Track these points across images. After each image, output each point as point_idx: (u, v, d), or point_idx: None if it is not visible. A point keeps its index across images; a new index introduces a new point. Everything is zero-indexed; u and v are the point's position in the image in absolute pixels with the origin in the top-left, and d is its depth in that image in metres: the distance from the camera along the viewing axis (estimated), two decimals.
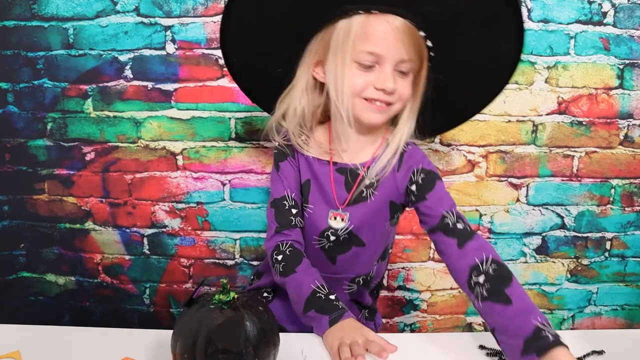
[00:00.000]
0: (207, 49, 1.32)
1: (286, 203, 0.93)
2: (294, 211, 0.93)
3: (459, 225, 0.84)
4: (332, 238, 0.93)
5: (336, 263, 0.95)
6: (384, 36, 0.80)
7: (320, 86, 0.90)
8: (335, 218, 0.92)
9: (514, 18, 0.82)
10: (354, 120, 0.86)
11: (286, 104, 0.91)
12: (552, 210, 1.44)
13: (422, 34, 0.82)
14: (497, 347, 0.75)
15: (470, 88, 0.93)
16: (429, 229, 0.88)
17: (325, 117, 0.95)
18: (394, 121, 0.92)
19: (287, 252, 0.90)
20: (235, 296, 0.65)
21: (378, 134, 0.92)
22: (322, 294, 0.83)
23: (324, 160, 0.92)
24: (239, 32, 0.90)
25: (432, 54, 0.86)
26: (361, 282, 0.99)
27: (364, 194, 0.91)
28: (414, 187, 0.89)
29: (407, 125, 0.89)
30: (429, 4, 0.79)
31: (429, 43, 0.84)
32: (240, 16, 0.87)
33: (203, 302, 0.65)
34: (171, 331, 0.65)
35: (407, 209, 0.98)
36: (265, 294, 1.05)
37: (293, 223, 0.92)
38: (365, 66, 0.82)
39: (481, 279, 0.75)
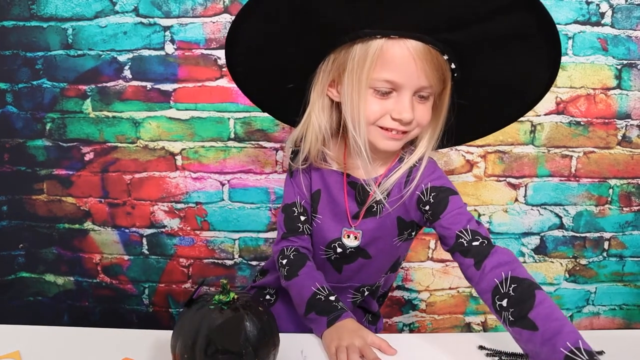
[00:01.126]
0: (206, 49, 1.33)
1: (295, 210, 0.93)
2: (302, 218, 0.92)
3: (475, 243, 0.76)
4: (339, 250, 0.92)
5: (342, 272, 0.94)
6: (403, 62, 0.74)
7: (336, 104, 0.85)
8: (348, 236, 0.90)
9: (546, 45, 0.74)
10: (369, 145, 0.81)
11: (302, 130, 0.87)
12: (550, 210, 1.45)
13: (445, 57, 0.76)
14: (496, 348, 0.75)
15: (494, 110, 0.89)
16: (449, 250, 0.81)
17: (339, 129, 0.88)
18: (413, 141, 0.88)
19: (292, 256, 0.90)
20: (235, 296, 0.65)
21: (393, 153, 0.88)
22: (322, 295, 0.83)
23: (338, 172, 0.89)
24: (246, 51, 0.83)
25: (455, 75, 0.80)
26: (366, 292, 0.98)
27: (374, 209, 0.88)
28: (427, 207, 0.83)
29: (426, 149, 0.85)
30: (459, 31, 0.72)
31: (453, 65, 0.78)
32: (248, 36, 0.80)
33: (203, 303, 0.65)
34: (170, 331, 0.65)
35: (425, 229, 0.95)
36: (267, 297, 1.05)
37: (300, 230, 0.92)
38: (382, 93, 0.77)
39: (505, 302, 0.69)
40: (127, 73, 1.35)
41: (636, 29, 1.33)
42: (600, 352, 0.75)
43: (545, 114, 1.38)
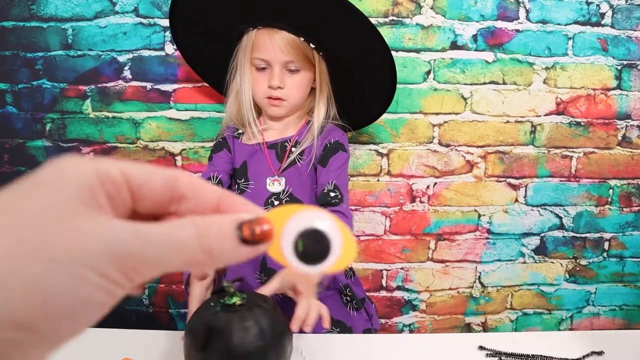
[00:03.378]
0: None
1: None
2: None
3: (332, 194, 1.01)
4: (276, 203, 1.04)
5: None
6: (265, 43, 1.00)
7: None
8: (273, 184, 1.05)
9: (359, 19, 0.99)
10: (265, 114, 1.09)
11: (228, 108, 1.11)
12: (550, 211, 1.45)
13: (301, 39, 1.00)
14: (496, 348, 0.75)
15: (365, 79, 1.10)
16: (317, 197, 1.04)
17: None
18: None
19: None
20: (241, 300, 0.65)
21: (298, 117, 1.11)
22: None
23: (257, 143, 1.08)
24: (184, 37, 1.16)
25: (321, 53, 1.03)
26: None
27: (295, 160, 1.06)
28: (324, 150, 1.06)
29: (322, 108, 1.07)
30: (298, 15, 0.97)
31: (312, 45, 1.01)
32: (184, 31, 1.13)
33: (211, 304, 0.65)
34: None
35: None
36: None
37: None
38: (259, 68, 1.03)
39: None
40: (127, 73, 1.35)
41: (636, 29, 1.33)
42: (600, 353, 0.75)
43: (546, 115, 1.38)
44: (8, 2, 1.31)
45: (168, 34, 1.32)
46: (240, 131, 1.11)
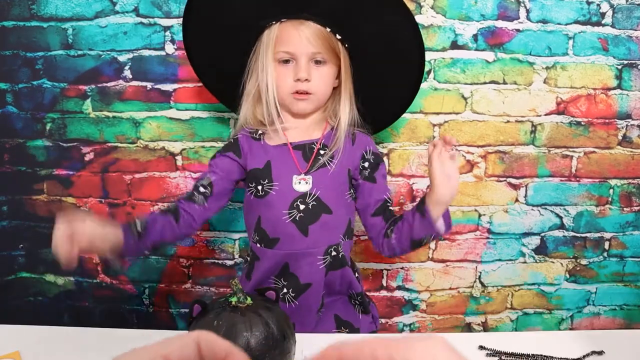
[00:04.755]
0: None
1: (199, 183, 1.02)
2: (201, 190, 1.01)
3: (389, 206, 1.05)
4: (302, 207, 1.00)
5: (308, 234, 1.00)
6: (290, 35, 0.97)
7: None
8: (299, 182, 1.01)
9: (400, 3, 0.97)
10: (289, 112, 1.04)
11: (243, 110, 1.06)
12: (550, 211, 1.45)
13: (327, 29, 0.98)
14: (496, 348, 0.75)
15: (390, 76, 1.07)
16: (373, 213, 1.04)
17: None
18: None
19: (167, 206, 1.02)
20: (248, 301, 0.65)
21: (321, 118, 1.07)
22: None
23: (282, 144, 1.04)
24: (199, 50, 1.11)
25: (346, 45, 1.01)
26: (333, 252, 1.03)
27: (324, 163, 1.02)
28: (366, 164, 1.05)
29: (346, 109, 1.04)
30: (325, 2, 0.95)
31: (338, 36, 0.99)
32: (197, 39, 1.09)
33: (218, 307, 0.65)
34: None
35: (352, 182, 1.07)
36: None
37: (193, 197, 1.01)
38: (283, 61, 0.99)
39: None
40: (127, 73, 1.35)
41: (637, 29, 1.33)
42: (600, 352, 0.75)
43: (546, 114, 1.38)
44: (8, 1, 1.31)
45: (168, 33, 1.32)
46: (260, 132, 1.05)
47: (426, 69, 1.33)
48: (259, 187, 1.02)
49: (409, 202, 1.42)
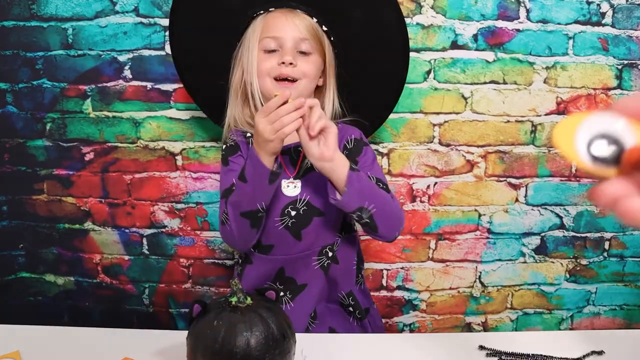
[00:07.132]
0: None
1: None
2: None
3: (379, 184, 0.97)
4: (293, 213, 0.99)
5: (302, 239, 1.00)
6: (277, 21, 0.97)
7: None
8: (288, 186, 0.99)
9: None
10: (267, 99, 0.96)
11: (230, 110, 1.05)
12: (551, 211, 1.45)
13: (314, 20, 0.99)
14: (496, 348, 0.75)
15: (376, 68, 1.08)
16: None
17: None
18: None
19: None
20: (248, 301, 0.65)
21: None
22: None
23: None
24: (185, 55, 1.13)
25: (332, 38, 1.02)
26: (328, 252, 1.02)
27: (311, 165, 0.97)
28: (347, 153, 0.99)
29: (330, 101, 1.04)
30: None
31: (324, 27, 1.00)
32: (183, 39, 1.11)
33: (217, 308, 0.65)
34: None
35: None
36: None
37: None
38: (269, 50, 0.97)
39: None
40: (127, 73, 1.35)
41: (637, 28, 1.33)
42: (600, 352, 0.75)
43: (546, 114, 1.38)
44: (8, 1, 1.31)
45: (168, 33, 1.32)
46: (249, 134, 1.02)
47: (426, 68, 1.34)
48: None
49: (408, 202, 1.42)
